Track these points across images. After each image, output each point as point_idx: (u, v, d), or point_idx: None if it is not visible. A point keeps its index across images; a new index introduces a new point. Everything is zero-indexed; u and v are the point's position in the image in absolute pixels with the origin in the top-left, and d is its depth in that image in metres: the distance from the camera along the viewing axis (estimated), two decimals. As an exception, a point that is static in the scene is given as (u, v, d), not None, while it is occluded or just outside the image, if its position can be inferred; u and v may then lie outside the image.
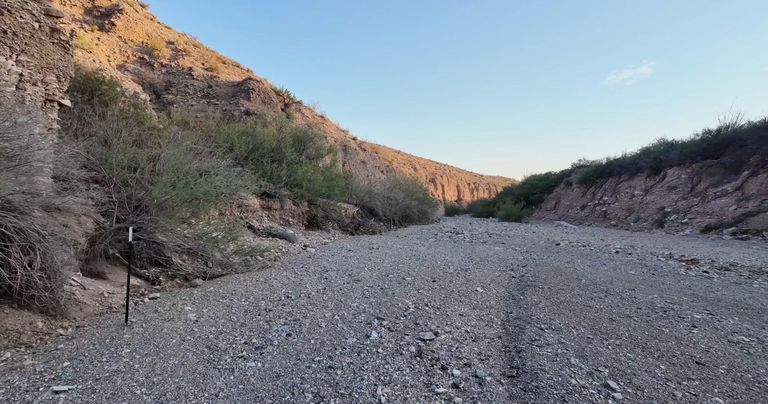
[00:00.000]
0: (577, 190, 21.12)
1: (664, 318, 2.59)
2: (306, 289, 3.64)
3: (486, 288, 3.52)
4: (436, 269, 4.60)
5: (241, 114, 12.63)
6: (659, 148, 14.93)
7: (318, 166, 11.28)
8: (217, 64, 16.23)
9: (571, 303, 2.96)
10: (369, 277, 4.15)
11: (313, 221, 9.63)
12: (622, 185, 16.33)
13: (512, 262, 5.21)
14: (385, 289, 3.56)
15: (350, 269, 4.66)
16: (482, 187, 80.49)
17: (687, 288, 3.63)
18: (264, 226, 7.61)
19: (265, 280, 4.07)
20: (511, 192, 29.78)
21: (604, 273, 4.35)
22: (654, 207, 12.82)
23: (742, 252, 6.27)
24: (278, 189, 8.36)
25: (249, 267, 4.80)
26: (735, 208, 9.58)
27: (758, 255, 5.97)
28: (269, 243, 6.59)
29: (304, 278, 4.19)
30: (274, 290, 3.62)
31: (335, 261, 5.33)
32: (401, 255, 5.86)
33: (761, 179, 9.52)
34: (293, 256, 5.92)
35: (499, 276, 4.20)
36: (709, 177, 11.37)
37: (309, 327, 2.56)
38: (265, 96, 13.89)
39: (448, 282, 3.86)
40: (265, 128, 10.84)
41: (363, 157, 24.65)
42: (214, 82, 14.22)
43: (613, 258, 5.60)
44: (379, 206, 12.51)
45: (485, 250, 6.48)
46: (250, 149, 8.70)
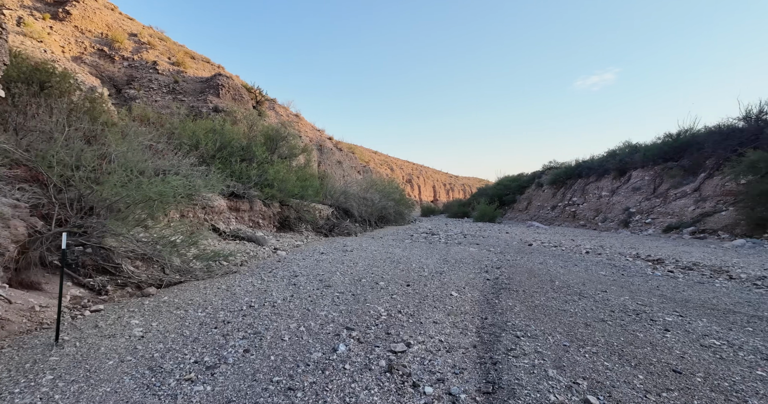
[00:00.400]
0: (548, 190, 21.73)
1: (637, 321, 2.55)
2: (271, 297, 3.40)
3: (461, 292, 3.41)
4: (411, 272, 4.46)
5: (209, 111, 12.06)
6: (624, 151, 15.57)
7: (291, 165, 10.93)
8: (184, 59, 15.48)
9: (546, 307, 2.89)
10: (340, 282, 3.95)
11: (285, 223, 9.30)
12: (590, 186, 16.91)
13: (487, 264, 5.16)
14: (356, 295, 3.38)
15: (321, 274, 4.44)
16: (457, 188, 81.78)
17: (655, 288, 3.67)
18: (231, 229, 7.23)
19: (228, 287, 3.79)
20: (485, 193, 30.32)
21: (576, 274, 4.36)
22: (620, 207, 13.33)
23: (701, 251, 6.53)
24: (247, 189, 7.98)
25: (211, 273, 4.49)
26: (693, 209, 10.07)
27: (716, 254, 6.24)
28: (236, 247, 6.25)
29: (270, 284, 3.94)
30: (236, 299, 3.35)
31: (306, 265, 5.09)
32: (376, 257, 5.69)
33: (716, 181, 10.05)
34: (262, 260, 5.62)
35: (473, 278, 4.11)
36: (669, 179, 11.93)
37: (270, 341, 2.34)
38: (235, 93, 13.35)
39: (423, 286, 3.73)
40: (235, 126, 10.38)
41: (339, 157, 24.32)
42: (181, 78, 13.53)
43: (584, 258, 5.68)
44: (355, 207, 12.30)
45: (460, 252, 6.42)
46: (218, 147, 8.27)
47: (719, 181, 9.91)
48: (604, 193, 15.38)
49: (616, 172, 15.20)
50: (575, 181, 18.75)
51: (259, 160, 8.88)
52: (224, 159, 8.30)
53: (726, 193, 9.48)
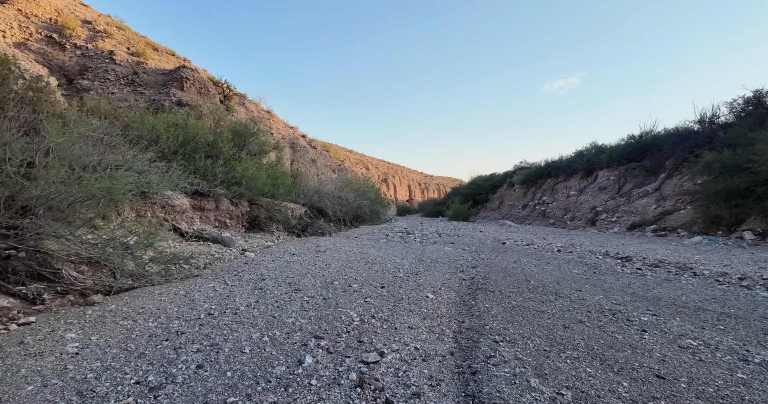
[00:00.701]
0: (519, 190, 22.28)
1: (614, 322, 2.51)
2: (234, 303, 3.13)
3: (437, 294, 3.28)
4: (386, 273, 4.30)
5: (172, 104, 11.38)
6: (591, 152, 16.17)
7: (262, 163, 10.50)
8: (145, 50, 14.56)
9: (523, 308, 2.81)
10: (311, 286, 3.72)
11: (254, 223, 8.89)
12: (559, 186, 17.45)
13: (462, 263, 5.08)
14: (327, 300, 3.17)
15: (291, 276, 4.19)
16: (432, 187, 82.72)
17: (627, 286, 3.70)
18: (195, 229, 6.79)
19: (186, 293, 3.47)
20: (459, 192, 30.75)
21: (550, 273, 4.36)
22: (587, 206, 13.80)
23: (664, 248, 6.80)
24: (213, 187, 7.54)
25: (170, 277, 4.13)
26: (655, 207, 10.55)
27: (678, 251, 6.50)
28: (199, 249, 5.85)
29: (234, 289, 3.65)
30: (194, 305, 3.06)
31: (275, 267, 4.82)
32: (350, 258, 5.49)
33: (675, 181, 10.58)
34: (227, 263, 5.29)
35: (449, 279, 4.00)
36: (633, 178, 12.46)
37: (228, 354, 2.09)
38: (201, 86, 12.69)
39: (398, 287, 3.57)
40: (200, 121, 9.82)
41: (313, 156, 23.84)
42: (141, 69, 12.70)
43: (556, 257, 5.73)
44: (329, 206, 12.02)
45: (436, 251, 6.33)
46: (180, 143, 7.76)
47: (678, 180, 10.43)
48: (572, 192, 15.90)
49: (583, 172, 15.75)
50: (545, 181, 19.30)
51: (226, 156, 8.43)
52: (187, 155, 7.81)
53: (684, 193, 9.99)
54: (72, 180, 3.32)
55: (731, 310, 2.87)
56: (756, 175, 7.00)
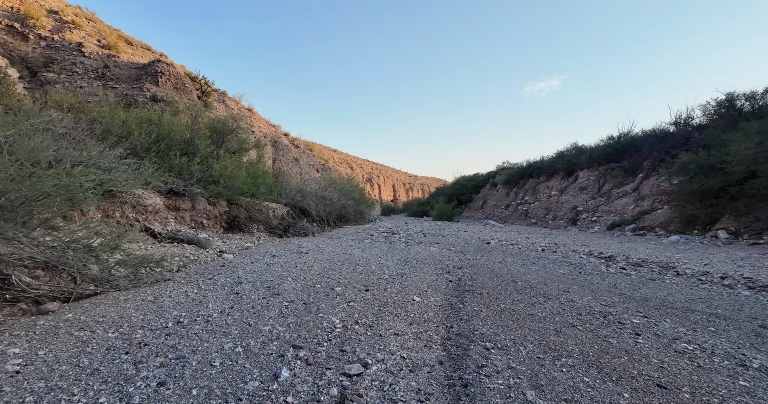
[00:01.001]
0: (502, 190, 22.53)
1: (606, 325, 2.43)
2: (206, 310, 2.91)
3: (423, 297, 3.15)
4: (371, 275, 4.14)
5: (146, 100, 10.88)
6: (572, 152, 16.47)
7: (241, 161, 10.15)
8: (117, 43, 13.89)
9: (513, 311, 2.70)
10: (291, 289, 3.53)
11: (233, 223, 8.57)
12: (540, 186, 17.70)
13: (448, 264, 4.98)
14: (308, 304, 2.99)
15: (270, 279, 3.97)
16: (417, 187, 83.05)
17: (614, 286, 3.66)
18: (169, 230, 6.45)
19: (155, 299, 3.22)
20: (443, 192, 30.89)
21: (536, 273, 4.30)
22: (568, 206, 14.02)
23: (644, 247, 6.90)
24: (189, 186, 7.19)
25: (138, 281, 3.85)
26: (633, 207, 10.79)
27: (658, 250, 6.61)
28: (173, 250, 5.55)
29: (208, 294, 3.42)
30: (162, 313, 2.82)
31: (253, 269, 4.58)
32: (333, 259, 5.31)
33: (653, 181, 10.85)
34: (203, 265, 5.01)
35: (435, 280, 3.88)
36: (612, 179, 12.73)
37: (196, 368, 1.89)
38: (177, 81, 12.20)
39: (383, 290, 3.42)
40: (176, 117, 9.40)
41: (296, 154, 23.42)
42: (113, 62, 12.10)
43: (540, 256, 5.71)
44: (313, 206, 11.76)
45: (421, 251, 6.22)
46: (153, 140, 7.37)
47: (655, 181, 10.70)
48: (553, 192, 16.14)
49: (564, 173, 16.01)
50: (527, 181, 19.56)
51: (203, 154, 8.08)
52: (162, 153, 7.43)
53: (661, 193, 10.25)
54: (22, 176, 3.02)
55: (718, 310, 2.86)
56: (729, 176, 7.22)
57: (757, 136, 6.75)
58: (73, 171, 3.48)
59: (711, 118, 10.27)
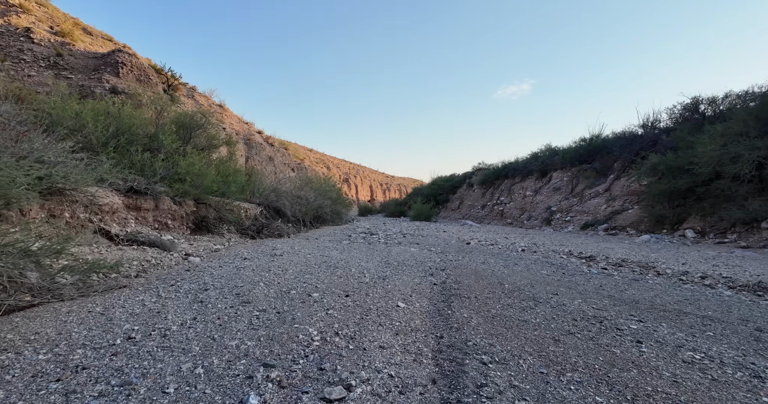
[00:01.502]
0: (478, 190, 22.79)
1: (604, 332, 2.30)
2: (165, 322, 2.56)
3: (408, 302, 2.93)
4: (350, 279, 3.88)
5: (105, 92, 10.09)
6: (546, 154, 16.84)
7: (211, 158, 9.59)
8: (73, 30, 12.86)
9: (504, 317, 2.54)
10: (263, 296, 3.21)
11: (202, 224, 8.04)
12: (516, 186, 18.00)
13: (430, 266, 4.80)
14: (282, 314, 2.70)
15: (240, 285, 3.63)
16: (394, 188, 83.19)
17: (600, 288, 3.59)
18: (128, 232, 5.92)
19: (104, 310, 2.82)
20: (420, 192, 30.96)
21: (520, 274, 4.19)
22: (543, 206, 14.29)
23: (620, 246, 7.03)
24: (152, 184, 6.65)
25: (87, 290, 3.41)
26: (605, 207, 11.09)
27: (632, 249, 6.73)
28: (132, 254, 5.07)
29: (168, 303, 3.05)
30: (110, 327, 2.45)
31: (222, 274, 4.21)
32: (309, 262, 5.00)
33: (623, 182, 11.21)
34: (166, 270, 4.59)
35: (419, 283, 3.68)
36: (585, 179, 13.07)
37: (144, 397, 1.58)
38: (141, 73, 11.42)
39: (365, 295, 3.17)
40: (139, 110, 8.74)
41: (270, 153, 22.71)
42: (67, 50, 11.16)
43: (522, 257, 5.65)
44: (288, 206, 11.32)
45: (402, 252, 6.01)
46: (112, 133, 6.77)
47: (625, 181, 11.05)
48: (528, 192, 16.44)
49: (538, 173, 16.34)
50: (502, 182, 19.86)
51: (168, 150, 7.52)
52: (121, 148, 6.83)
53: (631, 193, 10.59)
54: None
55: (709, 313, 2.82)
56: (696, 177, 7.51)
57: (721, 139, 7.05)
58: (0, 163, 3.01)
59: (677, 121, 10.75)
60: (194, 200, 7.77)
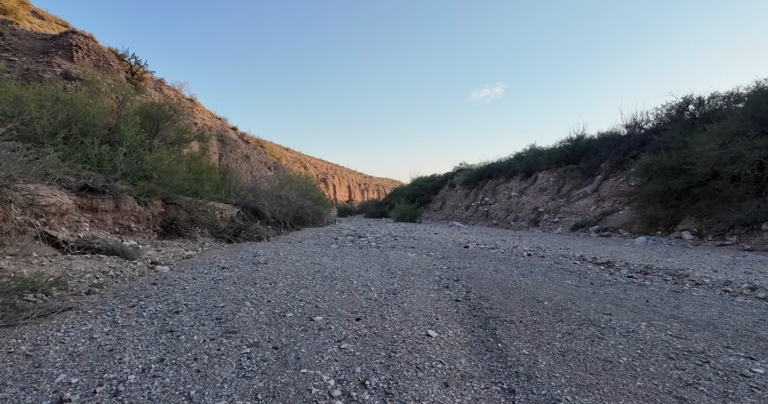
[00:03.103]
0: (461, 191, 22.61)
1: (728, 380, 1.67)
2: (119, 368, 1.86)
3: (438, 329, 2.36)
4: (355, 294, 3.27)
5: (56, 77, 8.92)
6: (530, 154, 16.78)
7: (181, 154, 8.65)
8: (17, 9, 11.42)
9: (577, 353, 2.00)
10: (252, 322, 2.55)
11: (171, 227, 7.15)
12: (500, 187, 17.87)
13: (439, 275, 4.26)
14: (281, 350, 2.06)
15: (220, 305, 2.95)
16: (372, 188, 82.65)
17: (648, 304, 3.11)
18: (81, 237, 5.02)
19: (32, 349, 2.09)
20: (401, 193, 30.56)
21: (547, 286, 3.71)
22: (529, 207, 14.15)
23: (623, 249, 6.76)
24: (112, 181, 5.73)
25: (15, 316, 2.63)
26: (594, 208, 11.00)
27: (637, 252, 6.48)
28: (85, 265, 4.22)
29: (126, 334, 2.33)
30: (37, 379, 1.73)
31: (196, 289, 3.50)
32: (300, 272, 4.34)
33: (611, 182, 11.17)
34: (127, 283, 3.82)
35: (438, 300, 3.12)
36: (571, 180, 13.01)
37: None
38: (99, 58, 10.24)
39: (379, 318, 2.58)
40: (96, 98, 7.70)
41: (246, 151, 21.54)
42: (9, 30, 9.84)
43: (532, 263, 5.22)
44: (267, 206, 10.51)
45: (400, 258, 5.45)
46: (61, 122, 5.79)
47: (614, 182, 11.01)
48: (513, 193, 16.31)
49: (523, 174, 16.25)
50: (486, 182, 19.72)
51: (131, 143, 6.59)
52: (73, 139, 5.87)
53: (620, 194, 10.54)
54: None
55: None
56: (693, 177, 7.43)
57: (719, 138, 6.99)
58: None
59: (664, 121, 10.82)
60: (162, 200, 6.86)
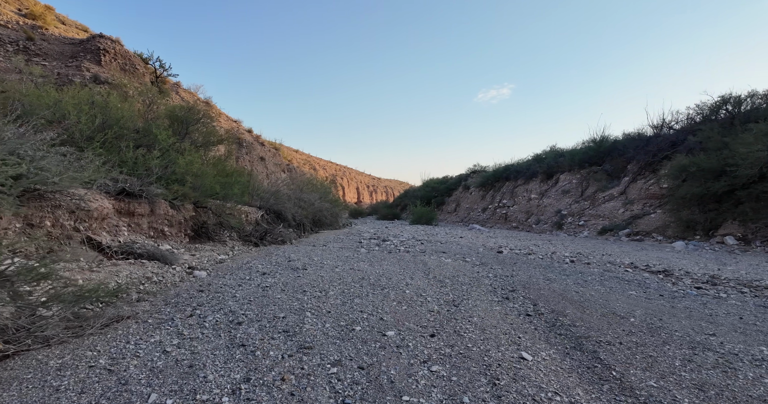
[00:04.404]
0: (476, 193, 22.35)
1: None
2: (206, 387, 1.78)
3: (530, 351, 2.21)
4: (413, 305, 3.16)
5: (85, 81, 9.00)
6: (551, 155, 16.49)
7: (208, 156, 8.66)
8: (45, 14, 11.61)
9: (715, 387, 1.75)
10: (323, 336, 2.45)
11: (201, 230, 7.14)
12: (519, 189, 17.60)
13: (489, 284, 4.13)
14: (368, 369, 1.96)
15: (279, 315, 2.86)
16: (380, 190, 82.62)
17: (740, 320, 2.85)
18: (122, 241, 5.01)
19: (111, 363, 2.02)
20: (413, 194, 30.41)
21: (615, 298, 3.47)
22: (551, 210, 13.89)
23: (667, 255, 6.48)
24: (147, 185, 5.73)
25: (81, 327, 2.58)
26: (623, 211, 10.73)
27: (683, 257, 6.21)
28: (129, 270, 4.19)
29: (197, 347, 2.26)
30: (129, 398, 1.66)
31: (247, 296, 3.43)
32: (344, 279, 4.25)
33: (640, 184, 10.88)
34: (171, 289, 3.77)
35: (506, 314, 2.99)
36: (595, 182, 12.73)
37: None
38: (125, 61, 10.33)
39: (455, 335, 2.46)
40: (126, 102, 7.74)
41: (262, 153, 21.66)
42: (39, 35, 9.98)
43: (580, 270, 5.03)
44: (289, 209, 10.48)
45: (438, 265, 5.33)
46: (98, 126, 5.81)
47: (643, 184, 10.72)
48: (533, 195, 16.05)
49: (543, 175, 15.96)
50: (503, 184, 19.45)
51: (163, 146, 6.59)
52: (109, 143, 5.88)
53: (650, 196, 10.26)
54: None
55: None
56: (736, 179, 7.15)
57: (766, 138, 6.71)
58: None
59: (696, 121, 10.48)
60: (193, 204, 6.85)
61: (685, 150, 9.45)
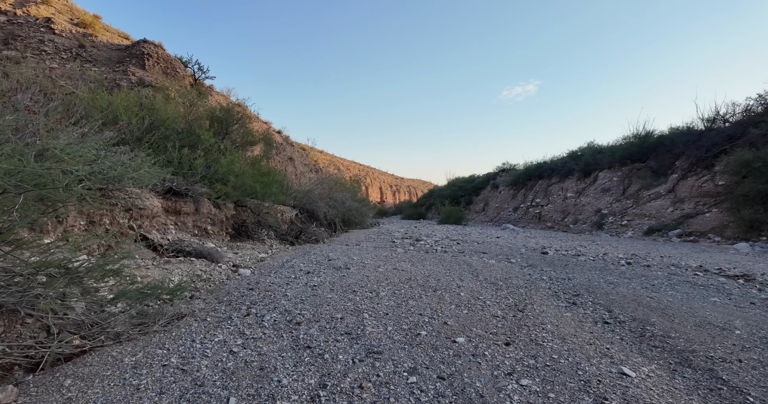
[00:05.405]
0: (506, 192, 21.76)
1: None
2: (281, 389, 1.71)
3: (629, 366, 2.00)
4: (474, 309, 3.01)
5: (131, 84, 9.38)
6: (588, 152, 15.77)
7: (245, 156, 8.82)
8: (94, 22, 12.21)
9: None
10: (388, 340, 2.35)
11: (241, 229, 7.26)
12: (553, 187, 16.95)
13: (547, 287, 3.90)
14: (448, 380, 1.83)
15: (336, 316, 2.78)
16: (403, 189, 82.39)
17: None
18: (170, 240, 5.13)
19: (182, 362, 1.99)
20: (438, 193, 30.01)
21: (700, 305, 3.13)
22: (590, 209, 13.26)
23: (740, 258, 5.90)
24: (191, 185, 5.86)
25: (147, 323, 2.60)
26: (672, 210, 10.06)
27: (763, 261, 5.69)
28: (180, 268, 4.26)
29: (263, 348, 2.21)
30: (208, 401, 1.61)
31: (298, 295, 3.38)
32: (390, 279, 4.14)
33: (691, 182, 10.17)
34: (221, 286, 3.78)
35: (581, 321, 2.77)
36: (639, 180, 12.03)
37: None
38: (167, 65, 10.70)
39: (534, 345, 2.28)
40: (170, 104, 7.99)
41: (291, 154, 22.01)
42: (89, 42, 10.49)
43: (642, 273, 4.67)
44: (321, 208, 10.53)
45: (484, 266, 5.13)
46: (146, 127, 6.00)
47: (694, 181, 10.01)
48: (569, 194, 15.41)
49: (580, 173, 15.29)
50: (536, 182, 18.82)
51: (206, 146, 6.73)
52: (156, 143, 6.05)
53: (703, 194, 9.57)
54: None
55: None
56: (810, 177, 6.50)
57: None
58: (50, 151, 2.20)
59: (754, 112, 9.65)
60: (234, 203, 6.97)
61: (745, 144, 8.71)
